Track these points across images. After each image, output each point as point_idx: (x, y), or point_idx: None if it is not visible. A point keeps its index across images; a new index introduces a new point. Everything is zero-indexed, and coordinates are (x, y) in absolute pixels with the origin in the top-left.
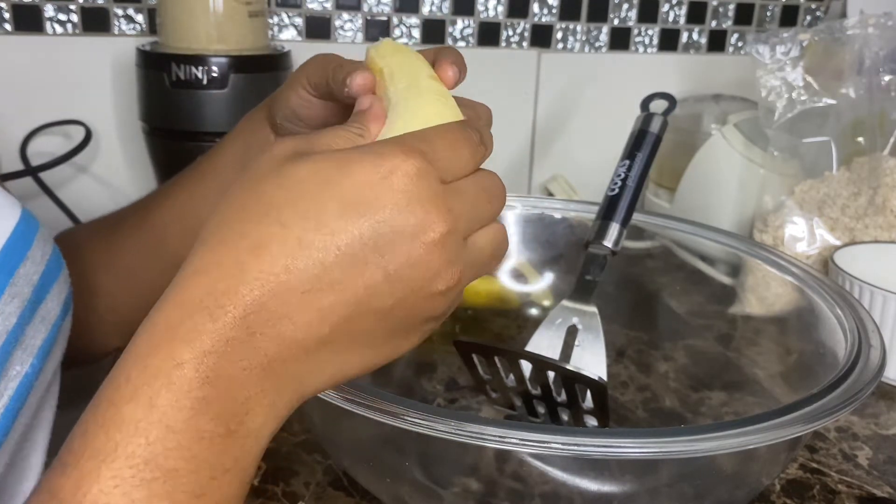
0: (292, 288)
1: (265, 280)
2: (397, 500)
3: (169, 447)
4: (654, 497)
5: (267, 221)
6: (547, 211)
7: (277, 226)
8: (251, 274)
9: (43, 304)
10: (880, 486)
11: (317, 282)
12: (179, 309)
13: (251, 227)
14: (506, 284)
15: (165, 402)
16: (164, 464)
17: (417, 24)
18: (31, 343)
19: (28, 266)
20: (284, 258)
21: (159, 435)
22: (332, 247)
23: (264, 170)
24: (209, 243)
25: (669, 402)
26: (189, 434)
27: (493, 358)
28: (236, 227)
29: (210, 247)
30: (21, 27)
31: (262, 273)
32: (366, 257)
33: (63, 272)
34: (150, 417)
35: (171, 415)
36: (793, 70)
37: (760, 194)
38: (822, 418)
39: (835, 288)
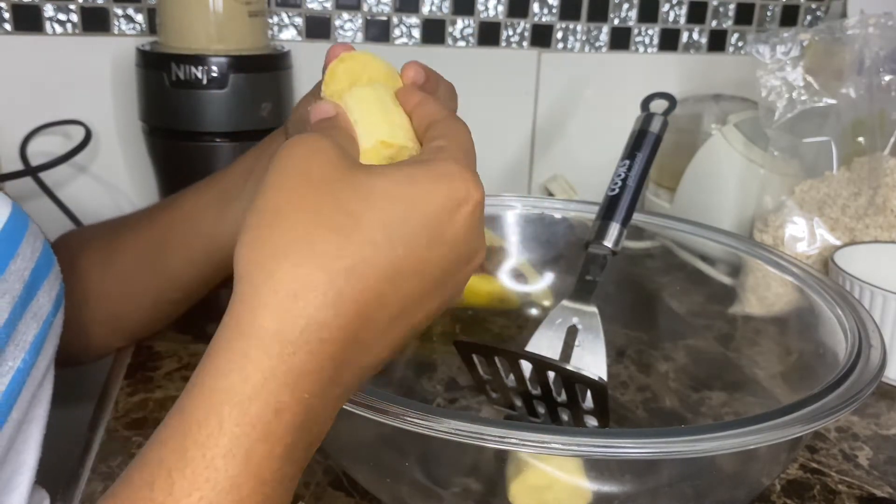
0: (381, 318)
1: (360, 310)
2: (397, 500)
3: (257, 499)
4: (654, 497)
5: (357, 239)
6: (547, 211)
7: (370, 247)
8: (347, 303)
9: (34, 299)
10: (881, 487)
11: (400, 311)
12: (277, 342)
13: (342, 242)
14: (506, 284)
15: (261, 454)
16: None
17: (417, 24)
18: (22, 339)
19: (18, 262)
20: (379, 285)
21: (252, 489)
22: (417, 278)
23: (327, 172)
24: (288, 254)
25: (669, 402)
26: (277, 482)
27: (493, 358)
28: (321, 236)
29: (294, 262)
30: (21, 27)
31: (356, 303)
32: (435, 288)
33: (54, 268)
34: (247, 472)
35: (264, 467)
36: (793, 70)
37: (760, 194)
38: (822, 418)
39: (835, 288)
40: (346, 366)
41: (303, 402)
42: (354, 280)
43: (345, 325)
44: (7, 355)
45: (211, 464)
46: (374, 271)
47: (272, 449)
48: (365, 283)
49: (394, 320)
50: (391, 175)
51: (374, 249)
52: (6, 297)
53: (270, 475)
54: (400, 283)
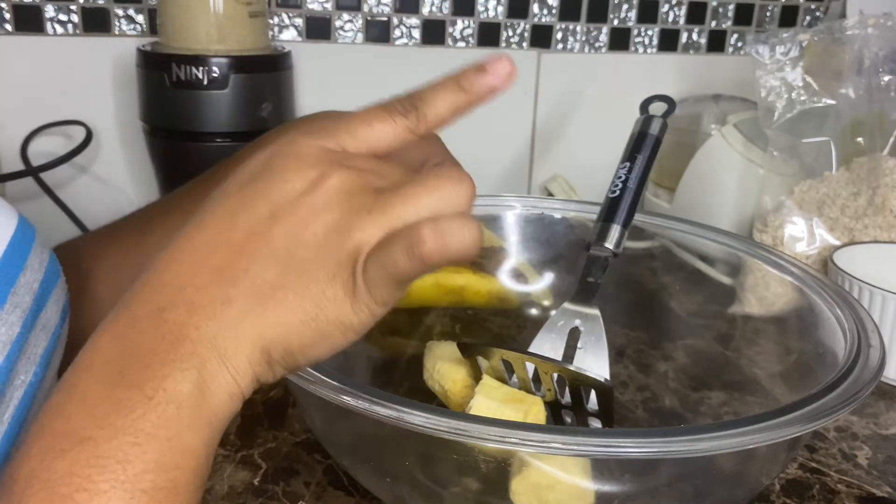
0: (185, 258)
1: (164, 258)
2: (397, 499)
3: (84, 418)
4: (653, 497)
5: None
6: (547, 211)
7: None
8: (155, 261)
9: (43, 311)
10: (880, 486)
11: (210, 245)
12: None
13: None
14: (506, 284)
15: (85, 382)
16: (80, 433)
17: (417, 25)
18: (33, 352)
19: (28, 274)
20: (180, 233)
21: (75, 409)
22: (217, 208)
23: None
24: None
25: (669, 402)
26: (105, 404)
27: (496, 360)
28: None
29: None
30: (22, 27)
31: (163, 254)
32: (243, 204)
33: (60, 279)
34: (71, 398)
35: (88, 390)
36: (792, 70)
37: (760, 194)
38: (821, 418)
39: (834, 288)
40: (169, 307)
41: (118, 338)
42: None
43: (147, 276)
44: (19, 369)
45: (49, 403)
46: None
47: (96, 377)
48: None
49: (207, 254)
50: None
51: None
52: (17, 310)
53: (99, 397)
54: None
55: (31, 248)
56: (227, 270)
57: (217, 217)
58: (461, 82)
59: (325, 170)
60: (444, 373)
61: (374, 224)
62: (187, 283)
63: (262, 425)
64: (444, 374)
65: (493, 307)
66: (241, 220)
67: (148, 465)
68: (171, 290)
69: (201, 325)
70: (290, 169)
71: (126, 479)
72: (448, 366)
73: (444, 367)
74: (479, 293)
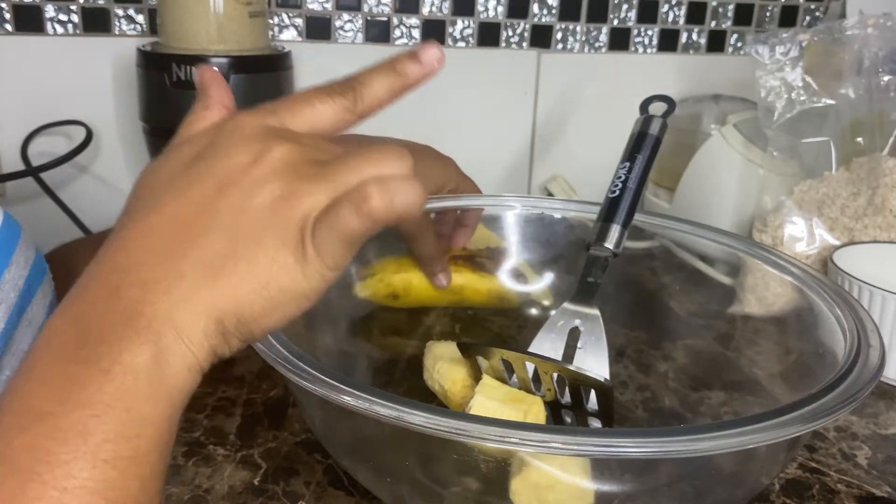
0: (137, 238)
1: (116, 243)
2: (397, 499)
3: (43, 395)
4: (653, 496)
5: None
6: (547, 211)
7: (131, 196)
8: (106, 247)
9: (29, 308)
10: (879, 486)
11: (161, 225)
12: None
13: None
14: (506, 284)
15: (43, 362)
16: (39, 409)
17: (417, 25)
18: (19, 348)
19: (13, 271)
20: (126, 219)
21: (34, 388)
22: (166, 190)
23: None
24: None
25: (669, 402)
26: (63, 380)
27: (496, 359)
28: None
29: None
30: (22, 28)
31: (113, 239)
32: (189, 182)
33: (47, 276)
34: (30, 377)
35: (46, 369)
36: (792, 70)
37: (760, 194)
38: (821, 418)
39: (834, 288)
40: (126, 286)
41: (75, 318)
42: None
43: (103, 258)
44: (4, 364)
45: (8, 384)
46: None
47: (51, 356)
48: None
49: (152, 234)
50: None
51: (135, 199)
52: (1, 306)
53: (56, 375)
54: (145, 203)
55: (16, 245)
56: (179, 246)
57: (166, 198)
58: (396, 66)
59: (268, 143)
60: (444, 373)
61: (319, 190)
62: (141, 262)
63: (262, 425)
64: (444, 374)
65: (493, 307)
66: (189, 197)
67: (108, 435)
68: (125, 270)
69: (156, 300)
70: (234, 145)
71: (87, 450)
72: (448, 366)
73: (444, 367)
74: (479, 292)
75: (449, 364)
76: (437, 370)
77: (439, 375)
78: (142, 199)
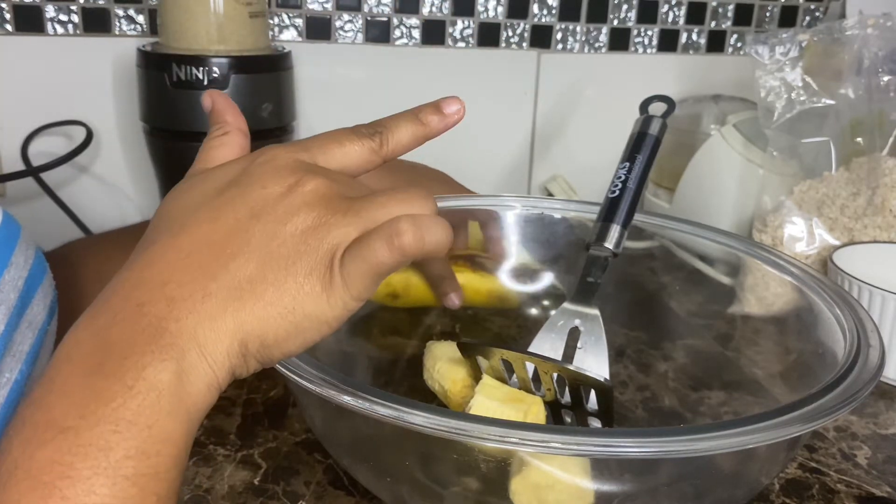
0: (166, 257)
1: (143, 259)
2: (397, 499)
3: (64, 409)
4: (653, 496)
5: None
6: (547, 211)
7: (157, 217)
8: (131, 262)
9: (29, 308)
10: (879, 486)
11: (191, 245)
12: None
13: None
14: (506, 284)
15: (64, 374)
16: (61, 422)
17: (417, 25)
18: (19, 349)
19: (12, 271)
20: (153, 236)
21: (56, 401)
22: (197, 212)
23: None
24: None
25: (669, 402)
26: (86, 394)
27: (496, 359)
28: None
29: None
30: (22, 28)
31: (139, 256)
32: (223, 207)
33: (47, 276)
34: (51, 390)
35: (67, 382)
36: (792, 70)
37: (759, 194)
38: (821, 418)
39: (834, 288)
40: (148, 303)
41: (98, 332)
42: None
43: (128, 274)
44: (4, 366)
45: (27, 397)
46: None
47: (73, 370)
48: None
49: (191, 254)
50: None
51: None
52: (1, 307)
53: (77, 389)
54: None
55: (15, 245)
56: (208, 267)
57: (197, 220)
58: (420, 116)
59: (301, 176)
60: (444, 373)
61: (350, 223)
62: (168, 279)
63: (262, 425)
64: (444, 373)
65: (493, 307)
66: (222, 221)
67: (129, 451)
68: (152, 287)
69: (181, 318)
70: (268, 175)
71: (108, 466)
72: (448, 366)
73: (444, 367)
74: (479, 292)
75: (449, 364)
76: (437, 370)
77: (439, 375)
78: (171, 220)
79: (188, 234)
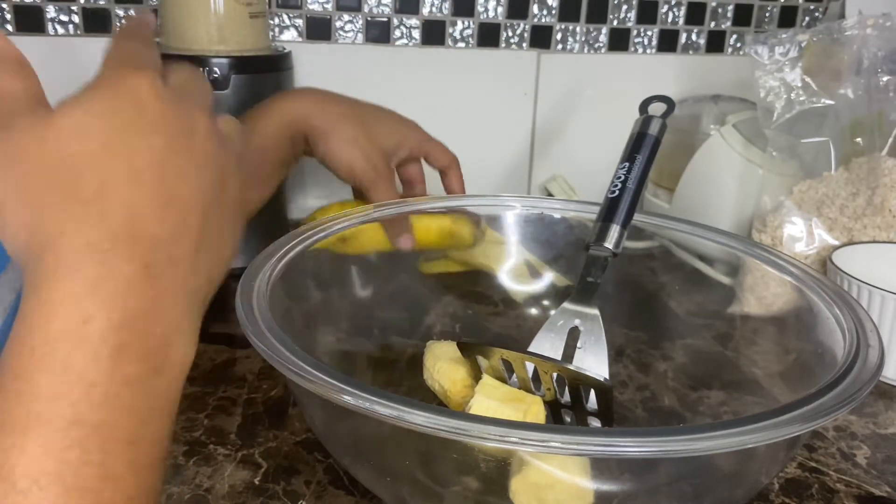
0: (150, 211)
1: (130, 212)
2: (398, 499)
3: (95, 402)
4: (652, 496)
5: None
6: (547, 211)
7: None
8: (114, 213)
9: None
10: (879, 486)
11: (166, 195)
12: (64, 265)
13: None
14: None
15: (80, 359)
16: (91, 419)
17: (417, 26)
18: None
19: (10, 272)
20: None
21: (82, 393)
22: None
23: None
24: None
25: (668, 402)
26: (114, 383)
27: (496, 359)
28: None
29: (54, 214)
30: (22, 28)
31: (123, 206)
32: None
33: None
34: (66, 379)
35: (90, 370)
36: (791, 71)
37: (759, 194)
38: (820, 418)
39: (833, 288)
40: (155, 264)
41: (112, 304)
42: (102, 193)
43: (120, 227)
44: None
45: (31, 383)
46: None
47: (94, 353)
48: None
49: (169, 204)
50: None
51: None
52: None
53: (104, 377)
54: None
55: None
56: (190, 218)
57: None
58: None
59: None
60: (444, 372)
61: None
62: (167, 237)
63: (262, 425)
64: (444, 373)
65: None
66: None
67: (151, 441)
68: (154, 244)
69: (188, 281)
70: None
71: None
72: (448, 365)
73: (444, 367)
74: (430, 230)
75: (449, 364)
76: (437, 370)
77: (439, 375)
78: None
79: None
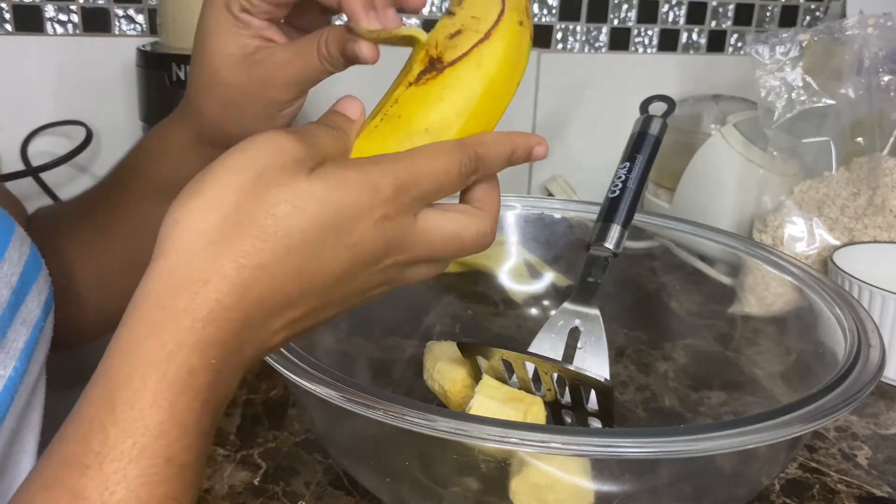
0: (281, 307)
1: (263, 300)
2: (397, 499)
3: (184, 445)
4: (653, 496)
5: (274, 243)
6: (547, 211)
7: (284, 250)
8: (252, 294)
9: (23, 305)
10: (880, 486)
11: (300, 301)
12: (189, 317)
13: (258, 244)
14: (507, 283)
15: (182, 405)
16: (180, 460)
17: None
18: (12, 346)
19: (5, 268)
20: (284, 284)
21: (178, 435)
22: (320, 278)
23: (271, 173)
24: (208, 244)
25: (669, 402)
26: (197, 432)
27: (496, 359)
28: (241, 233)
29: (211, 253)
30: (22, 27)
31: (260, 295)
32: (338, 283)
33: (42, 272)
34: (172, 420)
35: (186, 417)
36: (792, 70)
37: (760, 194)
38: (821, 418)
39: (834, 288)
40: (249, 342)
41: (210, 367)
42: (262, 275)
43: (247, 309)
44: None
45: (140, 414)
46: (282, 271)
47: (190, 402)
48: (272, 280)
49: (293, 309)
50: (323, 186)
51: (287, 253)
52: None
53: (193, 424)
54: (304, 282)
55: (9, 242)
56: (295, 322)
57: (323, 285)
58: (512, 159)
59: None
60: (444, 373)
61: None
62: (268, 326)
63: (262, 425)
64: (444, 374)
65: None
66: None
67: (201, 483)
68: (257, 330)
69: (261, 356)
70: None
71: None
72: (448, 366)
73: (444, 367)
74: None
75: (449, 364)
76: (437, 370)
77: (439, 375)
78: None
79: (296, 291)
